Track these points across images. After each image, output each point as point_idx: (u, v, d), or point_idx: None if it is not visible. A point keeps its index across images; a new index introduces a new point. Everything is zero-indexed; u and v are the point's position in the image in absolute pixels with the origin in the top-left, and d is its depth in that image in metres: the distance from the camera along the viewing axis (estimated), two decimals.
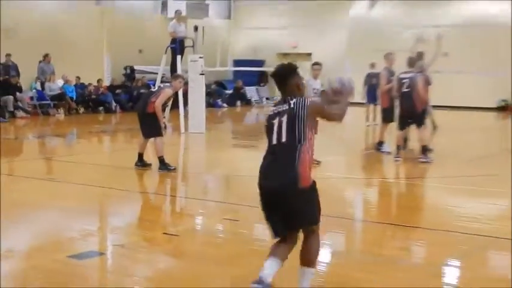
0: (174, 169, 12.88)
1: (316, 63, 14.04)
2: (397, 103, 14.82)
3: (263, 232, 9.27)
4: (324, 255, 8.05)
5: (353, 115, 8.96)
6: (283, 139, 5.79)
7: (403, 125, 14.57)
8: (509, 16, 27.43)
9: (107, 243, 8.45)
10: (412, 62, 14.63)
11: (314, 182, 5.89)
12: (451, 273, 7.37)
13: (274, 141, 5.90)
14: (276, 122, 5.93)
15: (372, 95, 21.27)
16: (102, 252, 7.86)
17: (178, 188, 12.64)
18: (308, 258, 6.02)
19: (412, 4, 30.61)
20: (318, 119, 5.98)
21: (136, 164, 12.88)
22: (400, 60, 15.42)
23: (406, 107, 14.35)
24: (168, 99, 13.37)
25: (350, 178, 13.40)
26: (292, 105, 5.80)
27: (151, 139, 12.80)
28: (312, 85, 13.67)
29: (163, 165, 12.63)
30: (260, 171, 5.95)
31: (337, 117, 5.93)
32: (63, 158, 16.20)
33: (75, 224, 9.06)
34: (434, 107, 19.00)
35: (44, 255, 7.53)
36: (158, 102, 12.53)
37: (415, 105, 14.32)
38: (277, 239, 6.07)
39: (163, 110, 13.49)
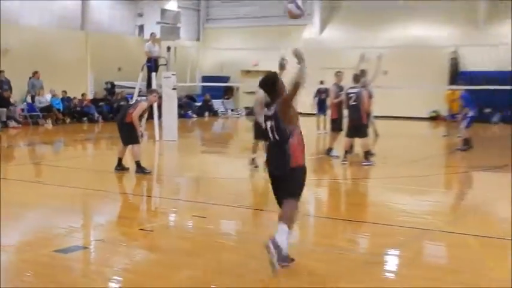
0: (150, 172, 12.88)
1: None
2: (345, 114, 14.93)
3: (227, 227, 9.31)
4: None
5: (305, 124, 8.96)
6: (276, 137, 6.75)
7: (351, 133, 14.68)
8: (438, 39, 27.80)
9: (90, 238, 8.39)
10: (357, 79, 14.73)
11: (305, 166, 6.87)
12: (391, 261, 7.44)
13: (272, 139, 6.86)
14: (268, 124, 6.85)
15: (321, 107, 21.49)
16: (86, 246, 7.80)
17: (153, 189, 12.64)
18: (281, 216, 6.68)
19: (356, 28, 30.86)
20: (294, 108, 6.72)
21: (116, 168, 12.88)
22: (347, 77, 15.57)
23: (354, 118, 14.47)
24: (144, 111, 13.41)
25: None
26: (275, 111, 6.70)
27: (130, 146, 12.76)
28: (266, 98, 13.56)
29: (140, 168, 12.65)
30: (267, 160, 7.34)
31: (298, 85, 6.52)
32: (51, 163, 16.05)
33: (61, 221, 8.99)
34: (376, 117, 19.17)
35: (32, 250, 7.47)
36: (135, 113, 12.57)
37: (362, 116, 14.45)
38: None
39: (140, 120, 13.43)
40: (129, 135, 12.71)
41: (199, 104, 32.04)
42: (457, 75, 27.07)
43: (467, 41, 27.39)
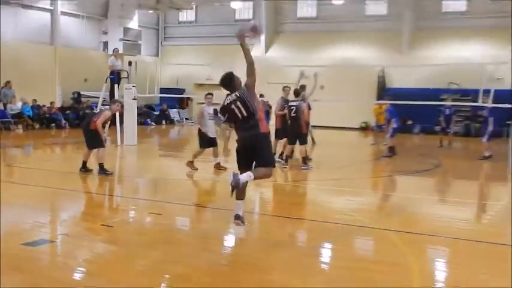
0: (111, 173, 12.83)
1: (209, 93, 14.09)
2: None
3: (181, 223, 9.30)
4: (228, 240, 8.12)
5: None
6: (245, 114, 7.77)
7: (292, 141, 14.85)
8: (368, 60, 28.25)
9: (56, 232, 8.31)
10: (297, 93, 14.93)
11: (269, 132, 8.10)
12: (324, 253, 7.54)
13: (240, 117, 7.83)
14: (234, 107, 7.83)
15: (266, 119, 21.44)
16: (52, 240, 7.74)
17: (114, 189, 12.55)
18: (257, 175, 7.83)
19: (296, 49, 31.15)
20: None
21: (80, 170, 12.81)
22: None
23: (295, 128, 14.63)
24: (108, 119, 13.32)
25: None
26: (239, 95, 7.82)
27: (95, 149, 12.75)
28: (207, 110, 13.73)
29: (103, 170, 12.63)
30: (239, 136, 8.05)
31: (252, 64, 7.89)
32: (22, 165, 15.80)
33: (29, 217, 8.89)
34: (314, 126, 19.36)
35: (1, 243, 7.32)
36: (99, 121, 12.59)
37: (301, 126, 14.62)
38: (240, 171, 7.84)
39: (104, 126, 13.30)
40: (94, 140, 12.70)
41: (157, 113, 31.93)
42: (384, 91, 27.55)
43: (393, 63, 27.95)
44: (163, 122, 31.56)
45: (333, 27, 30.82)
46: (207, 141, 13.76)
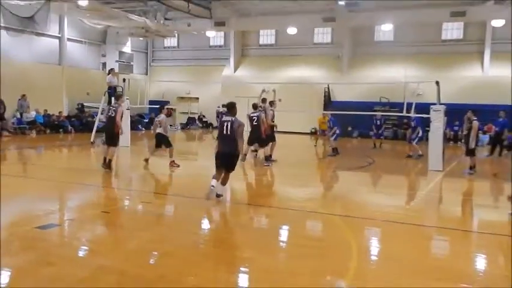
0: (110, 170, 12.55)
1: (171, 108, 14.15)
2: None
3: (167, 210, 9.22)
4: (205, 224, 8.08)
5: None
6: (229, 133, 8.94)
7: (252, 143, 14.93)
8: (316, 78, 28.42)
9: (63, 218, 8.17)
10: (255, 106, 15.00)
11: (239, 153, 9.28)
12: (282, 233, 7.56)
13: (225, 133, 8.99)
14: (225, 124, 9.03)
15: None
16: (59, 224, 7.61)
17: (112, 182, 12.30)
18: (223, 182, 9.21)
19: (258, 69, 31.23)
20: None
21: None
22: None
23: (256, 135, 14.65)
24: (123, 113, 13.18)
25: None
26: (233, 120, 9.00)
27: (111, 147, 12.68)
28: (166, 120, 14.60)
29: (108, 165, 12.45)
30: (219, 146, 9.11)
31: (241, 133, 9.02)
32: (35, 162, 15.52)
33: (41, 206, 8.73)
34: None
35: (18, 226, 7.24)
36: (118, 117, 12.52)
37: (261, 132, 14.64)
38: (217, 173, 9.10)
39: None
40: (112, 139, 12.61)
41: (146, 120, 31.60)
42: (329, 104, 27.78)
43: (336, 81, 28.20)
44: (152, 128, 31.27)
45: (288, 52, 30.95)
46: (160, 143, 14.17)
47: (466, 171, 13.82)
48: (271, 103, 15.80)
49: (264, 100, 15.52)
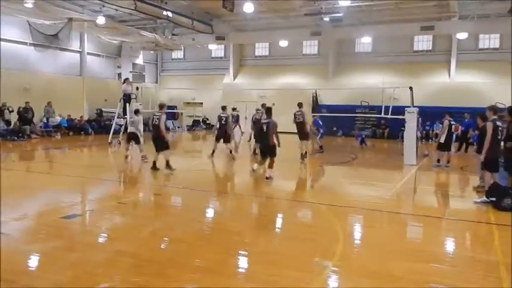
0: (175, 169, 11.99)
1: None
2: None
3: (175, 200, 9.19)
4: (209, 213, 8.06)
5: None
6: (266, 131, 10.70)
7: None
8: (305, 84, 28.43)
9: (85, 209, 8.14)
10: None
11: (275, 144, 10.78)
12: (278, 221, 7.54)
13: (265, 131, 10.77)
14: (264, 125, 10.84)
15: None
16: (81, 214, 7.59)
17: (127, 176, 12.25)
18: (270, 165, 10.79)
19: (255, 77, 31.19)
20: None
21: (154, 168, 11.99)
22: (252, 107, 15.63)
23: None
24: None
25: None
26: (269, 122, 10.81)
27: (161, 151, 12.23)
28: (136, 119, 14.24)
29: (168, 166, 11.92)
30: (261, 141, 11.36)
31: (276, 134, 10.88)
32: (59, 161, 15.46)
33: (65, 198, 8.69)
34: None
35: (45, 217, 7.22)
36: (162, 125, 11.92)
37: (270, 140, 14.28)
38: (262, 160, 11.01)
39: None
40: (162, 144, 11.98)
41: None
42: (317, 106, 27.73)
43: (322, 86, 28.17)
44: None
45: (280, 62, 30.88)
46: (137, 139, 14.09)
47: (434, 164, 13.94)
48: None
49: (263, 105, 15.48)
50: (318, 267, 5.16)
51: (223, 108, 15.53)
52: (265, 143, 11.01)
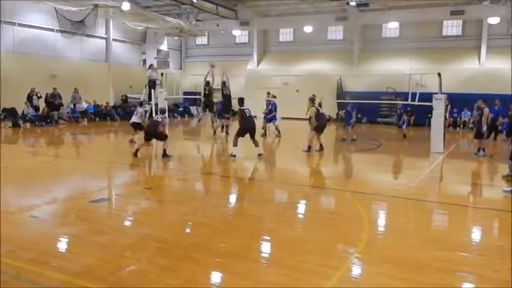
0: (172, 156, 12.52)
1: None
2: None
3: (200, 186, 9.29)
4: (232, 198, 8.12)
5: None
6: (250, 115, 11.62)
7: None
8: (330, 71, 28.18)
9: (112, 193, 8.31)
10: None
11: None
12: (300, 207, 7.55)
13: (248, 115, 11.74)
14: (247, 111, 11.80)
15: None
16: (109, 198, 7.76)
17: (152, 163, 12.40)
18: (256, 144, 11.70)
19: (279, 63, 31.01)
20: None
21: (135, 155, 11.93)
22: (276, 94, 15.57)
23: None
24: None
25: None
26: (248, 109, 11.80)
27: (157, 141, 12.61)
28: (139, 110, 14.77)
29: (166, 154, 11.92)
30: (246, 123, 11.69)
31: None
32: (86, 146, 15.77)
33: (93, 183, 8.89)
34: (294, 119, 19.21)
35: (74, 201, 7.42)
36: (164, 128, 12.17)
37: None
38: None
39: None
40: (161, 137, 12.04)
41: (181, 109, 31.72)
42: (341, 93, 27.46)
43: (347, 73, 27.89)
44: (186, 115, 31.40)
45: (305, 48, 30.59)
46: (142, 128, 14.19)
47: (481, 154, 13.48)
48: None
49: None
50: (343, 254, 5.18)
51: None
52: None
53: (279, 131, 18.05)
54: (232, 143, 11.99)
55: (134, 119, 14.79)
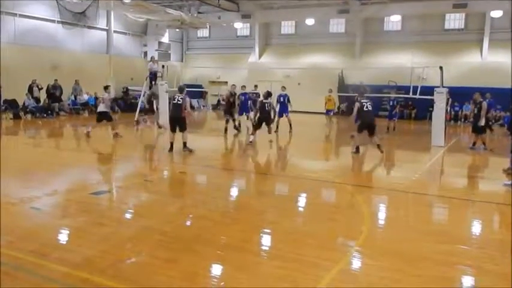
0: (193, 151, 12.14)
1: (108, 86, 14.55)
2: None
3: (199, 178, 9.29)
4: (232, 191, 8.12)
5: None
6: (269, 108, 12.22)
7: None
8: (331, 64, 28.08)
9: (112, 185, 8.31)
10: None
11: None
12: (301, 199, 7.55)
13: (267, 109, 12.42)
14: (267, 105, 12.34)
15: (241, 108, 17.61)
16: (109, 190, 7.77)
17: (153, 155, 12.41)
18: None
19: (280, 56, 30.91)
20: None
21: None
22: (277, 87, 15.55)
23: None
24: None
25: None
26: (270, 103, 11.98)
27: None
28: (106, 97, 14.58)
29: (186, 147, 11.61)
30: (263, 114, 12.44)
31: None
32: (87, 138, 15.75)
33: (94, 175, 8.90)
34: (296, 112, 19.16)
35: (75, 193, 7.39)
36: (187, 107, 11.62)
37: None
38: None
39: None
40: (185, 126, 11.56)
41: None
42: (343, 86, 27.39)
43: (349, 66, 27.80)
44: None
45: (307, 41, 30.45)
46: (109, 117, 14.49)
47: (481, 148, 13.50)
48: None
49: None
50: (343, 247, 5.18)
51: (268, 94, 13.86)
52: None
53: (290, 125, 17.40)
54: (251, 132, 13.13)
55: (101, 107, 14.20)
